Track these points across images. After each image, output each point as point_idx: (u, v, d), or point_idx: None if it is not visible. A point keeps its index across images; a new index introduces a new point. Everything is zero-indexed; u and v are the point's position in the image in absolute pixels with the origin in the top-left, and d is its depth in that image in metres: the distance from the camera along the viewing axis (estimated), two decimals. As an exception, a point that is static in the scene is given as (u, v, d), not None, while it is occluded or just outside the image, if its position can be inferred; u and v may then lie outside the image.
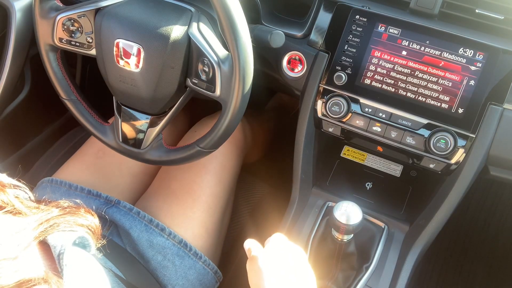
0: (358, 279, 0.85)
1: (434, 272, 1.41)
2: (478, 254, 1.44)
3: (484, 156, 0.82)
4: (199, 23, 0.78)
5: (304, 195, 0.98)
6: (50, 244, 0.47)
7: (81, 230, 0.53)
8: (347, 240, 0.81)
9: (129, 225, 0.90)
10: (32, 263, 0.46)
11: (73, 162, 1.05)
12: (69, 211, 0.53)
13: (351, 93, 0.86)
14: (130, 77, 0.78)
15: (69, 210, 0.53)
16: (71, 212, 0.53)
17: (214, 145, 0.80)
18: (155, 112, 0.84)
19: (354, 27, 0.86)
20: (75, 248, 0.51)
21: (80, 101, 0.89)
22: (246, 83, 0.73)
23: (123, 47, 0.76)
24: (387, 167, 1.04)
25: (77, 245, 0.52)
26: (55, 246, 0.47)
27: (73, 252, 0.48)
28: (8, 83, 1.09)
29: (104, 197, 0.95)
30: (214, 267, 0.94)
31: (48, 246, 0.48)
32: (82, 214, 0.54)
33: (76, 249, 0.52)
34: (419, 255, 0.90)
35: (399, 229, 0.94)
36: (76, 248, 0.51)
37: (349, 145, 1.07)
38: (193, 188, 0.98)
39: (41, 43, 0.84)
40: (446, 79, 0.81)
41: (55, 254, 0.47)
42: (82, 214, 0.54)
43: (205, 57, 0.75)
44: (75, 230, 0.52)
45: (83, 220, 0.53)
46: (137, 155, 0.87)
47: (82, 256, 0.53)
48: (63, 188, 0.96)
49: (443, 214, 0.88)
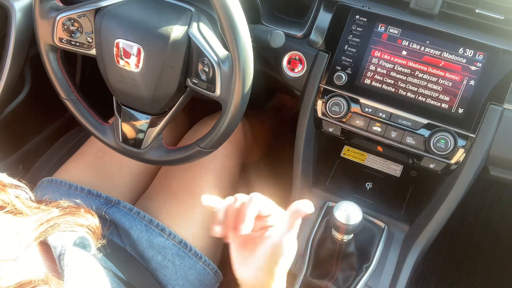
0: (358, 279, 0.85)
1: (434, 272, 1.41)
2: (478, 254, 1.44)
3: (484, 156, 0.82)
4: (199, 23, 0.78)
5: (304, 195, 0.98)
6: (51, 244, 0.47)
7: (81, 230, 0.53)
8: (347, 240, 0.81)
9: (129, 225, 0.90)
10: (33, 264, 0.46)
11: (73, 162, 1.05)
12: (69, 211, 0.53)
13: (351, 93, 0.86)
14: (130, 77, 0.78)
15: (69, 210, 0.53)
16: (71, 213, 0.53)
17: (214, 145, 0.80)
18: (155, 112, 0.84)
19: (354, 27, 0.86)
20: (76, 248, 0.51)
21: (80, 101, 0.89)
22: (246, 83, 0.73)
23: (123, 47, 0.76)
24: (387, 167, 1.04)
25: (77, 245, 0.52)
26: (56, 247, 0.47)
27: (74, 253, 0.48)
28: (8, 83, 1.09)
29: (104, 197, 0.95)
30: (214, 267, 0.94)
31: (48, 246, 0.47)
32: (82, 214, 0.54)
33: (77, 249, 0.52)
34: (419, 255, 0.90)
35: (399, 229, 0.94)
36: (76, 249, 0.51)
37: (349, 145, 1.07)
38: (193, 188, 0.98)
39: (41, 43, 0.84)
40: (446, 79, 0.81)
41: (55, 255, 0.47)
42: (82, 214, 0.54)
43: (205, 57, 0.75)
44: (76, 230, 0.51)
45: (83, 220, 0.53)
46: (137, 155, 0.87)
47: (83, 257, 0.52)
48: (63, 188, 0.96)
49: (443, 214, 0.88)
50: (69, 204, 0.54)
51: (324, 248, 0.86)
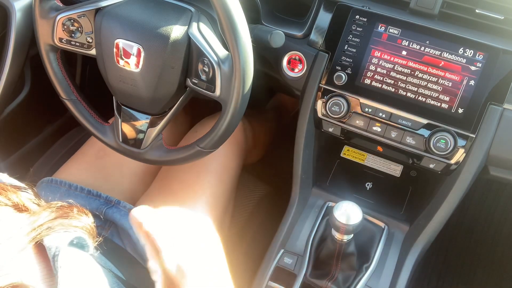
0: (358, 279, 0.85)
1: (434, 272, 1.41)
2: (478, 254, 1.44)
3: (484, 156, 0.82)
4: (199, 23, 0.78)
5: (304, 195, 0.98)
6: (46, 246, 0.47)
7: (78, 230, 0.52)
8: (347, 240, 0.81)
9: (129, 225, 0.90)
10: (27, 266, 0.45)
11: (73, 162, 1.05)
12: (62, 213, 0.52)
13: (351, 93, 0.86)
14: (130, 77, 0.78)
15: (62, 212, 0.52)
16: (63, 216, 0.51)
17: (214, 145, 0.80)
18: (155, 112, 0.84)
19: (354, 27, 0.86)
20: (72, 248, 0.51)
21: (80, 101, 0.89)
22: (246, 83, 0.73)
23: (123, 47, 0.76)
24: (387, 167, 1.04)
25: (74, 246, 0.52)
26: (50, 248, 0.47)
27: (69, 253, 0.48)
28: (8, 83, 1.09)
29: (104, 197, 0.95)
30: (214, 267, 0.94)
31: (44, 247, 0.47)
32: (75, 215, 0.52)
33: (73, 249, 0.51)
34: (419, 255, 0.90)
35: (399, 229, 0.94)
36: (72, 249, 0.51)
37: (349, 145, 1.07)
38: (193, 188, 0.98)
39: (41, 43, 0.84)
40: (446, 79, 0.81)
41: (50, 256, 0.46)
42: (75, 216, 0.52)
43: (205, 57, 0.75)
44: (71, 231, 0.51)
45: (77, 222, 0.52)
46: (137, 155, 0.87)
47: (79, 257, 0.52)
48: (63, 188, 0.96)
49: (443, 214, 0.88)
50: (62, 204, 0.53)
51: (324, 248, 0.86)
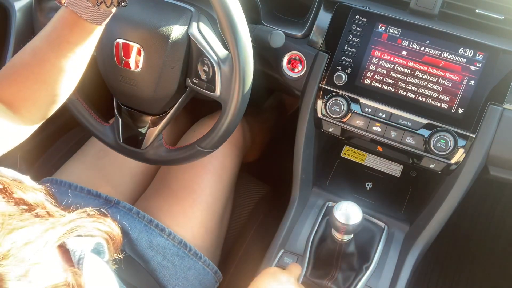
0: (358, 279, 0.85)
1: (434, 272, 1.41)
2: (477, 254, 1.44)
3: (484, 156, 0.82)
4: (199, 23, 0.78)
5: (304, 195, 0.98)
6: (70, 249, 0.48)
7: (98, 236, 0.53)
8: (347, 240, 0.81)
9: (128, 225, 0.90)
10: (53, 268, 0.46)
11: (74, 162, 1.05)
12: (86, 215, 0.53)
13: (351, 93, 0.86)
14: (130, 77, 0.78)
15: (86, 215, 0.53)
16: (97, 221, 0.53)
17: (214, 145, 0.80)
18: (155, 112, 0.84)
19: (354, 27, 0.86)
20: (92, 254, 0.52)
21: (80, 101, 0.89)
22: (246, 83, 0.73)
23: (123, 47, 0.76)
24: (387, 167, 1.04)
25: (92, 251, 0.53)
26: (75, 251, 0.47)
27: (91, 258, 0.49)
28: (8, 83, 1.09)
29: (104, 197, 0.94)
30: (214, 267, 0.94)
31: (65, 250, 0.48)
32: (108, 223, 0.55)
33: (93, 255, 0.52)
34: (419, 255, 0.90)
35: (399, 229, 0.94)
36: (93, 255, 0.52)
37: (349, 145, 1.07)
38: (193, 188, 0.98)
39: (41, 43, 0.84)
40: (446, 79, 0.81)
41: (74, 259, 0.47)
42: (102, 221, 0.54)
43: (205, 57, 0.75)
44: (94, 235, 0.52)
45: (104, 226, 0.54)
46: (138, 155, 0.87)
47: (99, 263, 0.53)
48: (63, 188, 0.96)
49: (443, 214, 0.88)
50: (95, 212, 0.54)
51: (324, 248, 0.86)
